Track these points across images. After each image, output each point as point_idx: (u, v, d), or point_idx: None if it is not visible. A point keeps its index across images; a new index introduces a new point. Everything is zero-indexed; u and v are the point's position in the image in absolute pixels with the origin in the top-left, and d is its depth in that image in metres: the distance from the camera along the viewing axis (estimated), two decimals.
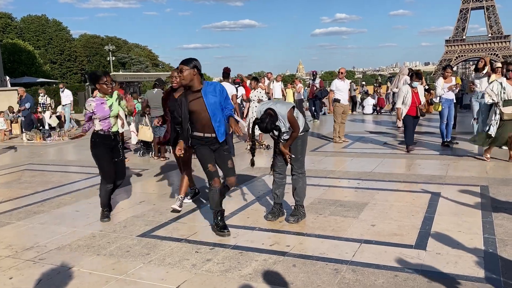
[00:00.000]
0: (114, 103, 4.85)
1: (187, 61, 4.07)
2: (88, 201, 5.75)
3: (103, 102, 4.78)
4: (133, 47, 70.68)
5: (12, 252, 4.03)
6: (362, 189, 5.71)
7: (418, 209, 4.73)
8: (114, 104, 4.85)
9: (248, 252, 3.76)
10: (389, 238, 3.94)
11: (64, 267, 3.63)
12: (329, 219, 4.54)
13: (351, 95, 17.22)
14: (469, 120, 9.46)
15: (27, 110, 14.56)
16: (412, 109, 8.04)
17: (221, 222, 4.24)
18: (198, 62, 4.10)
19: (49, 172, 8.13)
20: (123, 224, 4.70)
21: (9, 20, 51.82)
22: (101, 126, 4.76)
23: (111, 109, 4.79)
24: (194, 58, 4.13)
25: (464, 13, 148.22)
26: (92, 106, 4.73)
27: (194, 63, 4.07)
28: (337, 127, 9.88)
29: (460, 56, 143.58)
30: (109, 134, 4.79)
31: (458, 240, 3.79)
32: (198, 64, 4.09)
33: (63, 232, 4.52)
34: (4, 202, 5.94)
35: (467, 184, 5.70)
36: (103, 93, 4.81)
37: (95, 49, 61.23)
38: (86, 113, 4.77)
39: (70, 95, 16.13)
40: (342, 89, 9.74)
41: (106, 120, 4.77)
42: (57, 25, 57.03)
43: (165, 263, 3.61)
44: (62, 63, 55.39)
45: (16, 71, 36.29)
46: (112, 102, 4.84)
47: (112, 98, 4.86)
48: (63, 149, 11.44)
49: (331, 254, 3.64)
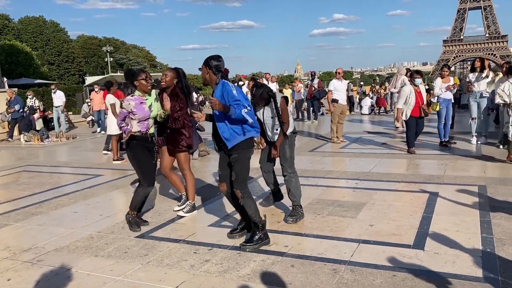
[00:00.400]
0: (153, 103, 4.51)
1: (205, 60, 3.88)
2: (86, 202, 5.74)
3: (143, 102, 4.42)
4: (131, 48, 70.71)
5: (10, 253, 4.02)
6: (360, 189, 5.71)
7: (416, 209, 4.73)
8: (154, 104, 4.51)
9: (247, 252, 3.76)
10: (387, 238, 3.94)
11: (63, 269, 3.62)
12: (327, 219, 4.54)
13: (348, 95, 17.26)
14: (467, 120, 9.48)
15: (17, 112, 14.39)
16: (415, 110, 7.98)
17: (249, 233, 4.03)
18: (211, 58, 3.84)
19: (47, 173, 8.11)
20: (121, 225, 4.70)
21: (6, 22, 51.74)
22: (139, 127, 4.41)
23: (151, 110, 4.46)
24: (210, 56, 3.89)
25: (461, 13, 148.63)
26: (131, 105, 4.36)
27: (206, 60, 3.85)
28: (335, 128, 9.90)
29: (458, 56, 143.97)
30: (146, 136, 4.46)
31: (456, 240, 3.80)
32: (211, 61, 3.82)
33: (61, 234, 4.51)
34: (2, 203, 5.93)
35: (465, 183, 5.71)
36: (142, 91, 4.44)
37: (93, 50, 61.20)
38: (122, 111, 4.42)
39: (62, 96, 15.83)
40: (340, 89, 9.78)
41: (146, 121, 4.43)
42: (55, 26, 56.95)
43: (164, 264, 3.61)
44: (60, 64, 55.32)
45: (13, 72, 36.17)
46: (152, 102, 4.51)
47: (151, 97, 4.52)
48: (60, 151, 11.42)
49: (329, 254, 3.64)
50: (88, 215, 5.15)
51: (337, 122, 9.89)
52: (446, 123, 8.74)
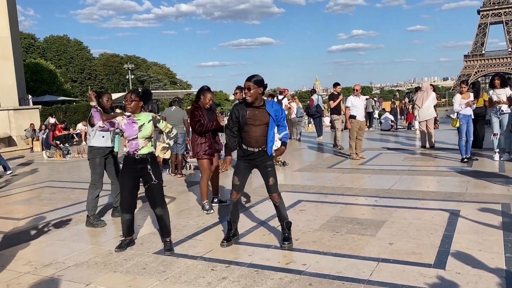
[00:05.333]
0: (146, 123, 4.38)
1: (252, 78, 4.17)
2: (106, 218, 5.81)
3: (134, 122, 4.38)
4: (151, 66, 71.92)
5: (32, 268, 4.09)
6: (380, 207, 5.64)
7: (437, 227, 4.64)
8: (146, 125, 4.38)
9: (264, 270, 3.74)
10: (407, 257, 3.87)
11: (82, 284, 3.66)
12: (346, 237, 4.49)
13: (367, 111, 17.15)
14: (489, 136, 9.31)
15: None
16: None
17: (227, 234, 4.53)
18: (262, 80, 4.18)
19: (69, 189, 8.26)
20: (140, 241, 4.73)
21: (32, 41, 53.37)
22: (128, 147, 4.41)
23: (140, 130, 4.35)
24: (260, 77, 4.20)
25: (482, 28, 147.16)
26: (123, 122, 4.37)
27: (259, 81, 4.15)
28: (353, 144, 9.83)
29: (480, 71, 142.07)
30: (134, 157, 4.34)
31: (478, 259, 3.71)
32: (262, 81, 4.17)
33: (81, 249, 4.57)
34: (24, 218, 6.05)
35: (488, 201, 5.58)
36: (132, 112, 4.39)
37: (115, 68, 62.48)
38: (112, 121, 4.41)
39: None
40: (358, 105, 9.76)
41: (134, 141, 4.35)
42: (78, 44, 58.51)
43: (181, 281, 3.61)
44: (82, 82, 56.64)
45: (38, 89, 37.20)
46: (145, 122, 4.39)
47: (144, 118, 4.41)
48: (82, 166, 11.62)
49: (348, 273, 3.59)
50: (107, 231, 5.21)
51: (356, 138, 9.83)
52: (468, 139, 8.60)
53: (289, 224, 4.32)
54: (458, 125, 8.49)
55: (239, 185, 4.35)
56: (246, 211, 5.69)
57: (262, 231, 4.87)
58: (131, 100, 4.33)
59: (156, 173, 4.41)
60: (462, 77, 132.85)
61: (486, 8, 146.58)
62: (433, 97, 11.02)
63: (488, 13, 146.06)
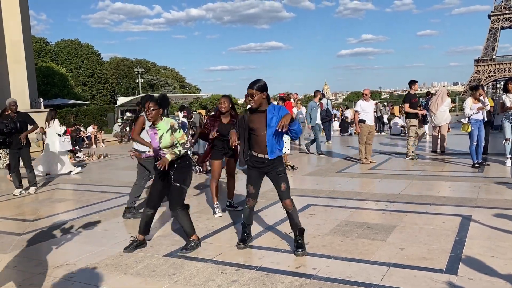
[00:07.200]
0: (165, 133, 4.37)
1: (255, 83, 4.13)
2: (117, 220, 5.84)
3: (156, 133, 4.41)
4: (161, 70, 72.32)
5: (44, 269, 4.12)
6: (390, 211, 5.61)
7: (448, 233, 4.61)
8: (165, 135, 4.36)
9: (274, 274, 3.74)
10: (418, 262, 3.85)
11: (92, 285, 3.68)
12: (356, 242, 4.47)
13: (377, 115, 17.06)
14: (500, 141, 9.22)
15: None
16: None
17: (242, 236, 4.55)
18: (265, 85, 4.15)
19: (79, 191, 8.32)
20: (150, 243, 4.75)
21: (44, 45, 54.04)
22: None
23: (160, 141, 4.37)
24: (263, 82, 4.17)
25: (493, 33, 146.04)
26: (148, 133, 4.49)
27: (262, 86, 4.12)
28: (363, 148, 9.80)
29: (490, 76, 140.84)
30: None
31: (491, 266, 3.67)
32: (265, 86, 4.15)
33: (92, 251, 4.60)
34: (35, 220, 6.10)
35: (500, 207, 5.53)
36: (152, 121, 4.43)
37: (125, 72, 62.96)
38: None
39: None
40: (367, 109, 9.74)
41: (160, 150, 4.43)
42: (89, 48, 59.11)
43: (191, 284, 3.62)
44: (93, 85, 57.19)
45: (49, 93, 37.66)
46: (164, 132, 4.37)
47: (163, 128, 4.39)
48: (92, 169, 11.71)
49: (358, 277, 3.57)
50: (118, 233, 5.24)
51: (365, 143, 9.80)
52: (479, 144, 8.53)
53: (302, 231, 4.25)
54: (469, 130, 8.43)
55: (254, 193, 4.39)
56: (255, 214, 5.68)
57: (272, 235, 4.86)
58: (152, 110, 4.33)
59: (177, 177, 4.43)
60: (473, 81, 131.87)
61: (497, 12, 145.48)
62: (448, 102, 10.94)
63: (499, 18, 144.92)
